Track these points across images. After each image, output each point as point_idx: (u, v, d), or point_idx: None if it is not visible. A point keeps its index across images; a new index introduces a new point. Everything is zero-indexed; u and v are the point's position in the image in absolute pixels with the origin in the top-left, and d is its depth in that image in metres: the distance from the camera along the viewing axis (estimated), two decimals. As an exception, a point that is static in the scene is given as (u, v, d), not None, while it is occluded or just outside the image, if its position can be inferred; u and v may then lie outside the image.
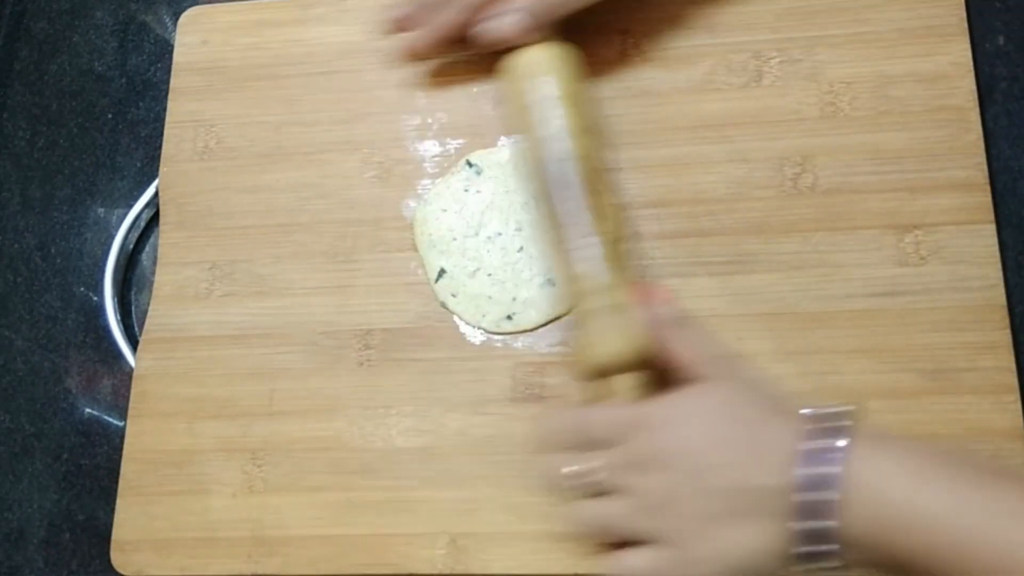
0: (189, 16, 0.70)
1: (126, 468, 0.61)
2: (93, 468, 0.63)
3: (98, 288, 0.66)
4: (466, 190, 0.62)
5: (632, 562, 0.46)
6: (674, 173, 0.60)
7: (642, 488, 0.46)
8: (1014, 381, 0.53)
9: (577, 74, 0.58)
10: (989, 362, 0.53)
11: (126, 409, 0.62)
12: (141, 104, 0.71)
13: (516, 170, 0.61)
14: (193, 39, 0.69)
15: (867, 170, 0.58)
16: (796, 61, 0.61)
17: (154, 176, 0.67)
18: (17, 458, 0.65)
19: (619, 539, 0.47)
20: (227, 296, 0.63)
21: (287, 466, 0.59)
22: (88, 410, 0.65)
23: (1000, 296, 0.55)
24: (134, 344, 0.64)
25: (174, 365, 0.62)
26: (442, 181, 0.63)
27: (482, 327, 0.59)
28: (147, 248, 0.68)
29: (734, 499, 0.43)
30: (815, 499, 0.41)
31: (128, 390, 0.62)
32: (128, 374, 0.63)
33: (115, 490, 0.60)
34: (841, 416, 0.43)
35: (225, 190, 0.65)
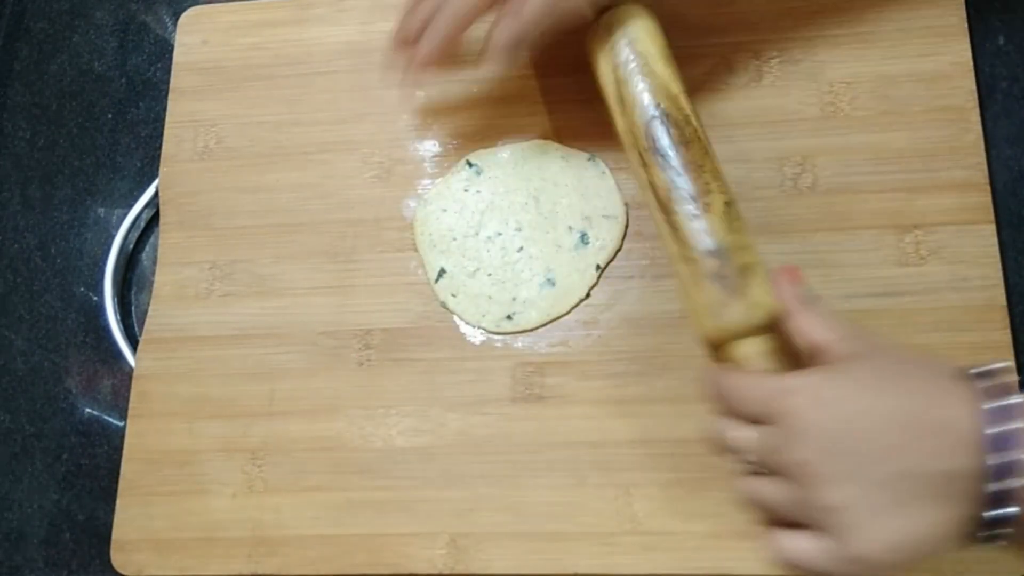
0: (189, 16, 0.70)
1: (126, 468, 0.61)
2: (93, 468, 0.63)
3: (98, 288, 0.66)
4: (466, 190, 0.62)
5: (794, 547, 0.43)
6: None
7: (801, 473, 0.41)
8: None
9: (662, 35, 0.55)
10: (989, 362, 0.53)
11: (126, 409, 0.62)
12: (141, 104, 0.71)
13: (516, 170, 0.61)
14: (193, 39, 0.69)
15: (867, 170, 0.58)
16: (796, 61, 0.61)
17: (154, 176, 0.67)
18: (17, 458, 0.65)
19: (782, 521, 0.44)
20: (227, 296, 0.63)
21: (287, 466, 0.59)
22: (88, 410, 0.65)
23: (1000, 296, 0.55)
24: (134, 344, 0.64)
25: (174, 365, 0.62)
26: (442, 181, 0.63)
27: (482, 327, 0.59)
28: (147, 248, 0.68)
29: (906, 486, 0.40)
30: (1007, 487, 0.38)
31: (128, 390, 0.62)
32: (128, 374, 0.63)
33: (115, 490, 0.61)
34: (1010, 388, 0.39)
35: (225, 190, 0.65)
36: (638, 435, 0.56)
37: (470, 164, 0.62)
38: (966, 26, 0.59)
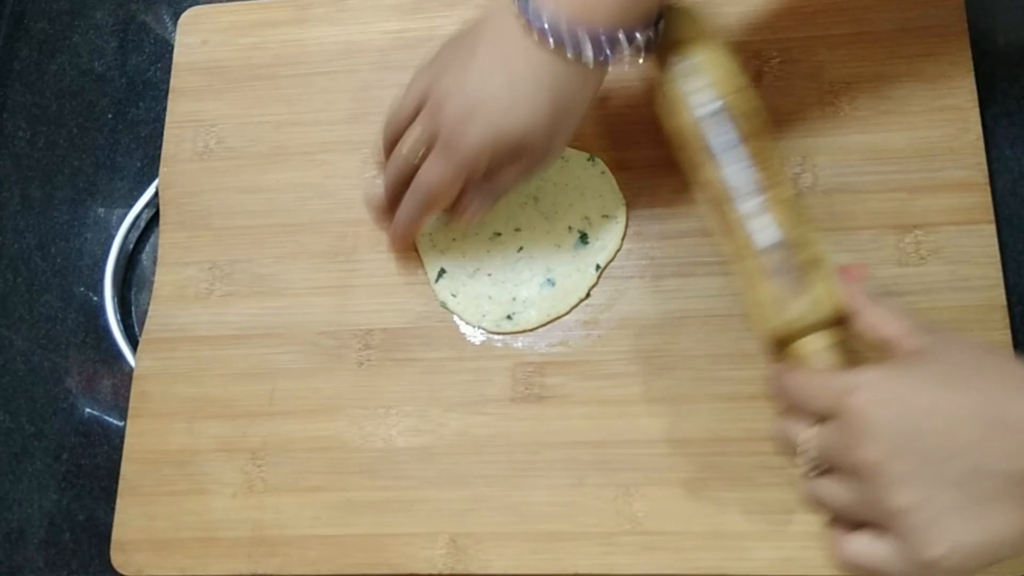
0: (189, 16, 0.70)
1: (126, 468, 0.61)
2: (93, 468, 0.63)
3: (98, 288, 0.66)
4: (466, 190, 0.62)
5: (859, 549, 0.41)
6: (674, 173, 0.60)
7: (868, 473, 0.40)
8: (1014, 381, 0.53)
9: (716, 33, 0.53)
10: (989, 362, 0.53)
11: (126, 409, 0.62)
12: (141, 104, 0.71)
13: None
14: (193, 39, 0.69)
15: (867, 170, 0.58)
16: (796, 61, 0.61)
17: (154, 176, 0.67)
18: (17, 458, 0.65)
19: (846, 521, 0.42)
20: (227, 296, 0.63)
21: (287, 466, 0.59)
22: (88, 410, 0.65)
23: (1000, 296, 0.55)
24: (134, 344, 0.64)
25: (174, 365, 0.62)
26: (442, 181, 0.63)
27: (482, 327, 0.59)
28: (147, 248, 0.68)
29: (979, 486, 0.38)
30: None
31: (128, 390, 0.62)
32: (128, 374, 0.63)
33: (115, 490, 0.60)
34: None
35: (225, 190, 0.65)
36: (638, 435, 0.56)
37: (470, 164, 0.62)
38: (966, 26, 0.59)
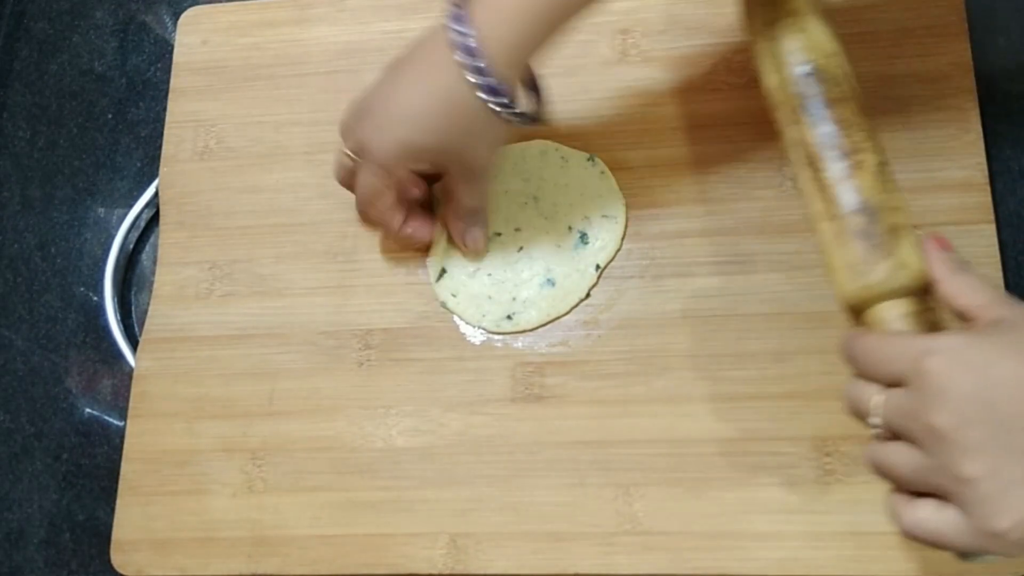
0: (189, 16, 0.70)
1: (126, 468, 0.61)
2: (93, 468, 0.63)
3: (98, 288, 0.66)
4: (466, 190, 0.62)
5: (924, 517, 0.40)
6: (674, 173, 0.60)
7: (937, 440, 0.39)
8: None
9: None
10: (989, 362, 0.53)
11: (126, 409, 0.62)
12: (141, 104, 0.71)
13: (516, 170, 0.61)
14: (193, 39, 0.69)
15: (867, 170, 0.58)
16: (796, 61, 0.60)
17: (154, 176, 0.67)
18: (17, 458, 0.65)
19: (911, 489, 0.42)
20: (227, 296, 0.63)
21: (287, 466, 0.59)
22: (88, 410, 0.65)
23: (1000, 296, 0.55)
24: (134, 344, 0.64)
25: (174, 365, 0.62)
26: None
27: (482, 327, 0.59)
28: (147, 248, 0.68)
29: None
30: None
31: (128, 390, 0.62)
32: (128, 374, 0.63)
33: (115, 490, 0.60)
34: None
35: (225, 190, 0.65)
36: (638, 435, 0.56)
37: (470, 164, 0.62)
38: (966, 26, 0.59)
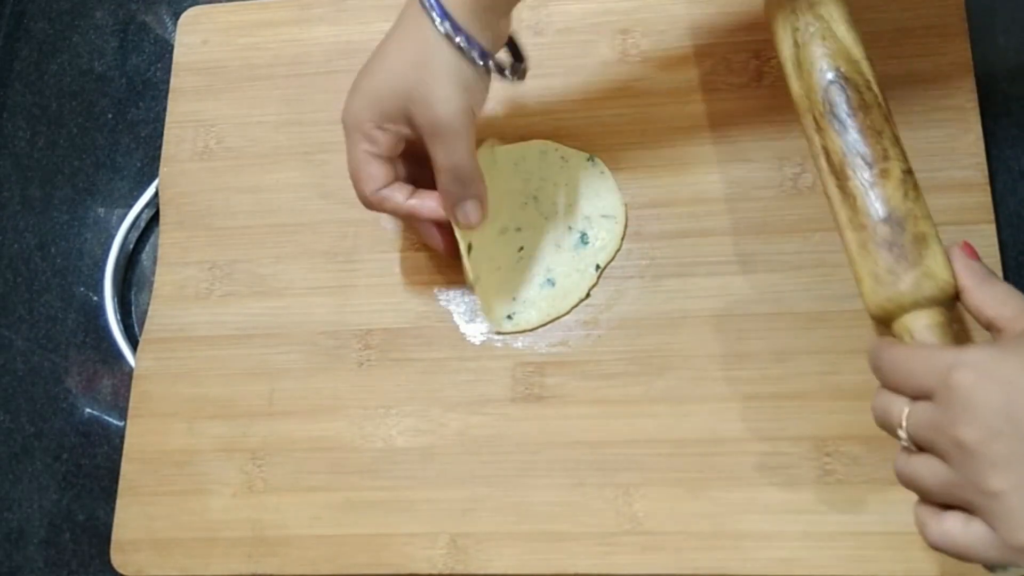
0: (189, 16, 0.70)
1: (126, 468, 0.61)
2: (93, 468, 0.63)
3: (98, 288, 0.66)
4: (466, 190, 0.62)
5: (950, 530, 0.40)
6: (674, 173, 0.60)
7: (963, 453, 0.39)
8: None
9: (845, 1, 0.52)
10: (989, 362, 0.53)
11: (126, 409, 0.62)
12: (141, 104, 0.71)
13: (516, 170, 0.61)
14: (193, 39, 0.69)
15: (867, 170, 0.58)
16: (796, 61, 0.60)
17: (154, 176, 0.67)
18: (17, 458, 0.65)
19: (937, 502, 0.42)
20: (227, 296, 0.63)
21: (287, 466, 0.59)
22: (88, 410, 0.65)
23: (1000, 296, 0.55)
24: (134, 344, 0.64)
25: (174, 365, 0.62)
26: (442, 181, 0.62)
27: (485, 325, 0.59)
28: (147, 248, 0.68)
29: None
30: None
31: (128, 390, 0.62)
32: (128, 374, 0.63)
33: (115, 490, 0.61)
34: None
35: (225, 190, 0.65)
36: (638, 435, 0.56)
37: (470, 164, 0.62)
38: (966, 26, 0.59)
